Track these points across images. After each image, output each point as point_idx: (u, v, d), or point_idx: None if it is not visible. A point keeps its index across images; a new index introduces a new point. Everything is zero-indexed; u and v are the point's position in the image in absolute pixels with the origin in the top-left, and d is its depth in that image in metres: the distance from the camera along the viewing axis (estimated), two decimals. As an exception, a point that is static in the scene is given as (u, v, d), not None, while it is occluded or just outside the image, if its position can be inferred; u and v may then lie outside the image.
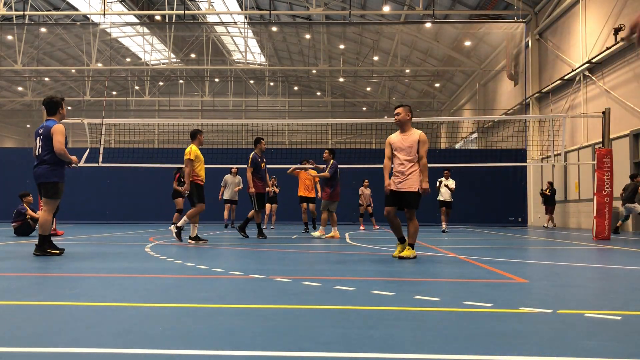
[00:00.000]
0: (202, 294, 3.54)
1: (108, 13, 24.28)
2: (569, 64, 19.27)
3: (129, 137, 18.50)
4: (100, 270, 4.97)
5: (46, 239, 6.25)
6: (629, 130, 15.54)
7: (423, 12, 22.58)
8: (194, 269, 5.02)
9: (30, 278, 4.57)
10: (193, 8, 30.04)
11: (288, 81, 40.86)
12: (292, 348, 2.17)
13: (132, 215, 20.34)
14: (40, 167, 6.32)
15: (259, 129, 30.33)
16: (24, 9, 25.13)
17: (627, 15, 15.58)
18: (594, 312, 2.96)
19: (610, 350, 2.19)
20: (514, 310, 3.05)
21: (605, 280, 4.54)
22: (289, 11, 29.26)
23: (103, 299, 3.37)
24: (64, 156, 6.31)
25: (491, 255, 7.00)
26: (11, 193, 12.66)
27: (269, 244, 8.83)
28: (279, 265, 5.64)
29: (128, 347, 2.17)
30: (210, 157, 18.25)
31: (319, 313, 2.93)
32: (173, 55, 36.77)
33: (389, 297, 3.42)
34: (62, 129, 6.37)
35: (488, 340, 2.34)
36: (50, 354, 2.09)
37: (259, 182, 10.38)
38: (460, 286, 4.10)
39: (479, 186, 19.97)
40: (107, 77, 35.28)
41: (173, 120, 31.35)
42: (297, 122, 17.56)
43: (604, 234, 10.82)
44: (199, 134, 9.32)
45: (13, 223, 11.08)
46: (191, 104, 43.07)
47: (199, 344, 2.22)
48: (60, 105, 6.57)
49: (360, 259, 6.24)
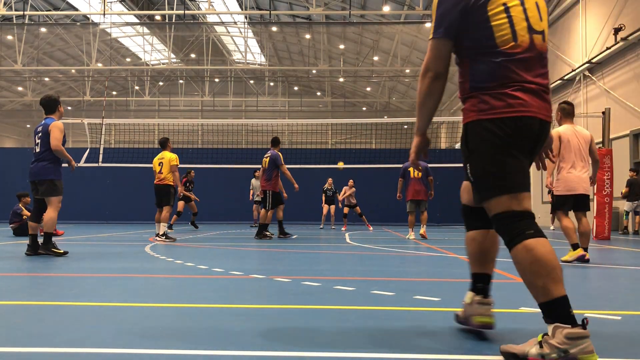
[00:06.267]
0: (202, 294, 3.54)
1: (108, 13, 24.27)
2: (569, 64, 19.26)
3: (129, 137, 18.49)
4: (100, 270, 4.97)
5: (51, 237, 6.23)
6: (629, 130, 15.53)
7: (423, 12, 22.56)
8: (194, 269, 5.02)
9: (30, 278, 4.57)
10: (193, 8, 30.03)
11: (288, 81, 40.84)
12: (292, 348, 2.17)
13: (132, 215, 20.31)
14: (37, 164, 6.29)
15: (259, 129, 30.32)
16: (24, 9, 25.11)
17: (627, 15, 15.57)
18: (594, 312, 2.96)
19: (610, 350, 2.19)
20: (514, 310, 3.05)
21: (605, 280, 4.54)
22: (289, 11, 29.25)
23: (103, 299, 3.37)
24: (60, 153, 6.27)
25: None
26: (11, 193, 12.63)
27: (269, 244, 8.83)
28: (279, 265, 5.64)
29: (128, 347, 2.17)
30: (210, 157, 18.28)
31: (319, 313, 2.93)
32: (173, 55, 36.76)
33: (389, 297, 3.42)
34: (61, 126, 6.35)
35: (488, 340, 2.34)
36: (50, 354, 2.09)
37: (279, 181, 10.38)
38: (460, 286, 4.09)
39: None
40: (107, 77, 35.25)
41: (173, 120, 31.33)
42: (297, 122, 17.59)
43: (604, 234, 10.82)
44: (169, 141, 9.97)
45: (11, 224, 11.03)
46: (191, 104, 43.04)
47: (199, 344, 2.22)
48: (59, 103, 6.56)
49: (360, 259, 6.24)
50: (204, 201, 17.46)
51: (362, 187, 17.08)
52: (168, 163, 9.55)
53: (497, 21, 2.11)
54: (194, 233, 12.48)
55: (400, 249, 7.82)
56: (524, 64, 2.12)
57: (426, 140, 2.38)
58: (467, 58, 2.19)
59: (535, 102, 2.11)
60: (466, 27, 2.14)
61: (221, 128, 22.90)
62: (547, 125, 2.18)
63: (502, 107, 2.09)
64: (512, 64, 2.11)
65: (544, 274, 1.93)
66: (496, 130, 2.09)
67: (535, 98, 2.12)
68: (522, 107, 2.09)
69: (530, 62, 2.13)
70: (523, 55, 2.12)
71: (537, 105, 2.12)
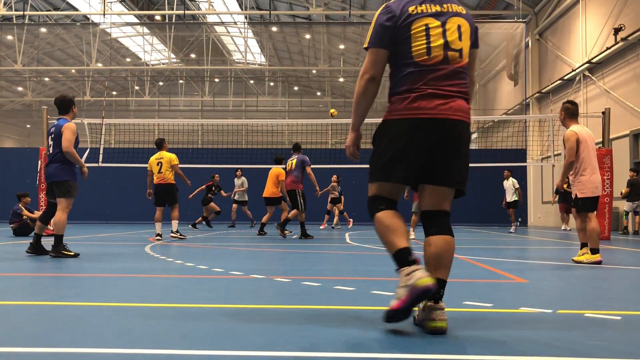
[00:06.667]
0: (202, 294, 3.54)
1: (108, 13, 24.28)
2: (569, 64, 19.26)
3: (129, 137, 18.48)
4: (100, 270, 4.97)
5: (61, 239, 6.15)
6: (629, 130, 15.54)
7: (423, 12, 22.55)
8: (194, 269, 5.02)
9: (30, 278, 4.57)
10: (193, 8, 30.04)
11: (288, 81, 40.84)
12: (292, 348, 2.17)
13: (132, 215, 20.32)
14: (50, 165, 6.25)
15: (259, 129, 30.31)
16: (24, 9, 25.12)
17: (627, 15, 15.58)
18: (594, 312, 2.96)
19: (610, 350, 2.19)
20: (514, 310, 3.05)
21: (605, 280, 4.54)
22: (289, 11, 29.25)
23: (103, 299, 3.37)
24: (71, 155, 6.17)
25: (491, 255, 7.00)
26: (11, 193, 12.63)
27: (268, 244, 8.83)
28: (279, 265, 5.64)
29: (128, 347, 2.17)
30: (210, 157, 18.27)
31: (319, 313, 2.93)
32: (173, 55, 36.76)
33: (389, 297, 3.41)
34: (73, 127, 6.27)
35: (488, 340, 2.34)
36: (50, 354, 2.09)
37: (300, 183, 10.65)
38: (460, 286, 4.10)
39: (479, 186, 19.94)
40: (107, 77, 35.25)
41: (173, 120, 31.32)
42: (297, 122, 17.56)
43: (604, 234, 10.82)
44: (165, 142, 10.17)
45: (11, 224, 11.01)
46: (191, 104, 43.03)
47: (199, 344, 2.22)
48: (73, 104, 6.49)
49: (360, 259, 6.25)
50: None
51: (364, 187, 17.08)
52: (168, 163, 9.64)
53: (417, 39, 2.50)
54: (195, 233, 12.48)
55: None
56: (435, 75, 2.49)
57: (360, 135, 2.78)
58: (392, 67, 2.59)
59: (437, 107, 2.47)
60: (394, 41, 2.53)
61: (221, 128, 22.88)
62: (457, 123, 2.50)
63: (403, 109, 2.51)
64: (422, 74, 2.49)
65: (388, 234, 2.48)
66: (394, 129, 2.53)
67: (439, 103, 2.48)
68: (419, 111, 2.48)
69: (442, 74, 2.50)
70: (435, 68, 2.49)
71: (440, 109, 2.47)
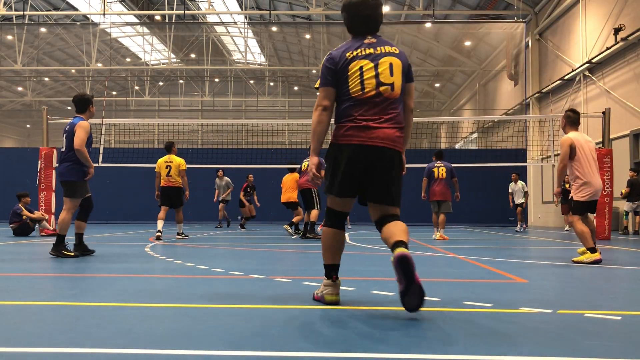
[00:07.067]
0: (202, 294, 3.54)
1: (108, 13, 24.28)
2: (569, 64, 19.26)
3: (129, 137, 18.48)
4: (100, 270, 4.97)
5: (63, 239, 6.11)
6: (629, 130, 15.54)
7: (423, 12, 22.57)
8: (194, 269, 5.02)
9: (30, 278, 4.57)
10: (193, 8, 30.04)
11: (288, 81, 40.83)
12: (292, 348, 2.17)
13: (132, 215, 20.31)
14: (61, 164, 6.20)
15: (259, 129, 30.31)
16: (24, 9, 25.12)
17: (627, 15, 15.58)
18: (594, 312, 2.96)
19: (610, 350, 2.19)
20: (514, 310, 3.05)
21: (605, 280, 4.54)
22: (289, 11, 29.25)
23: (103, 299, 3.37)
24: (81, 154, 6.04)
25: (491, 255, 7.00)
26: (11, 193, 12.62)
27: (268, 244, 8.83)
28: (279, 265, 5.65)
29: (128, 347, 2.17)
30: (210, 157, 18.27)
31: (319, 313, 2.93)
32: (173, 55, 36.76)
33: (389, 297, 3.42)
34: (87, 126, 6.17)
35: (488, 340, 2.34)
36: (50, 354, 2.09)
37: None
38: (460, 286, 4.10)
39: (479, 186, 19.94)
40: (107, 77, 35.25)
41: (173, 120, 31.33)
42: (297, 122, 17.54)
43: (604, 234, 10.82)
44: (174, 145, 10.16)
45: (11, 224, 11.00)
46: (191, 104, 43.04)
47: (199, 344, 2.22)
48: (91, 103, 6.41)
49: (360, 259, 6.24)
50: (204, 201, 17.47)
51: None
52: (177, 167, 9.77)
53: (353, 78, 3.04)
54: (194, 233, 12.47)
55: (400, 249, 7.80)
56: (368, 107, 3.02)
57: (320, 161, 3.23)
58: (337, 102, 3.14)
59: (368, 134, 2.98)
60: (337, 82, 3.08)
61: (221, 128, 22.88)
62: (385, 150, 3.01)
63: (341, 136, 3.06)
64: (356, 107, 3.03)
65: (325, 249, 3.23)
66: (336, 151, 3.09)
67: (370, 132, 2.99)
68: (351, 138, 3.02)
69: (375, 106, 3.02)
70: (368, 101, 3.02)
71: (370, 137, 2.98)
